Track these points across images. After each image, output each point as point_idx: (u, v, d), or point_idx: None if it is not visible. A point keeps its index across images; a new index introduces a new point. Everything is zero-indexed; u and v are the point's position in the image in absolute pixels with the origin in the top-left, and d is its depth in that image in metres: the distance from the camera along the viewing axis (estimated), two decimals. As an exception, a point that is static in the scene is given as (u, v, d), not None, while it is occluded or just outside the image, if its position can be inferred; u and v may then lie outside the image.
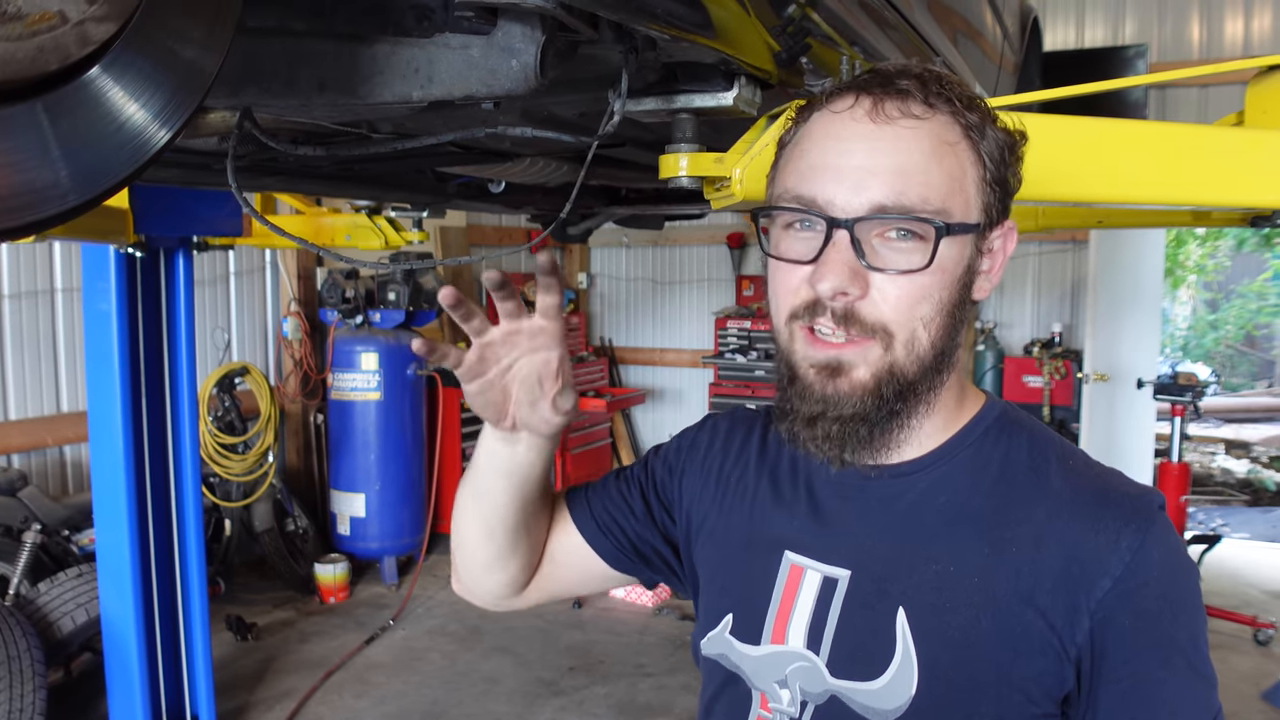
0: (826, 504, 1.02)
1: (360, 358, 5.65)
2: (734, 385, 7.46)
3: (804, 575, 1.00)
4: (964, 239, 0.92)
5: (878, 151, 0.89)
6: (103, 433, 3.27)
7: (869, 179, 0.88)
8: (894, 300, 0.89)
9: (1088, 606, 0.89)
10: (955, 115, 0.91)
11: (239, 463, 5.21)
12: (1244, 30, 6.50)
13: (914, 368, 0.92)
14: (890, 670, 0.93)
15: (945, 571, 0.93)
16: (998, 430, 1.00)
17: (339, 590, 5.51)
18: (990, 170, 0.93)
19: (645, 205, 3.64)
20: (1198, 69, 1.77)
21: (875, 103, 0.90)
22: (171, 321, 3.40)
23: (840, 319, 0.90)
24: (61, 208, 0.66)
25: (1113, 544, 0.90)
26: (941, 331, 0.92)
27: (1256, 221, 2.26)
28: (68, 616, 3.75)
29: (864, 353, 0.91)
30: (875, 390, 0.91)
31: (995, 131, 0.94)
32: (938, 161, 0.89)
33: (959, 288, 0.93)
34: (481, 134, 1.36)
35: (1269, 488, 8.93)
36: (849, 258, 0.89)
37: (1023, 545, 0.92)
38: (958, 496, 0.96)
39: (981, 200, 0.93)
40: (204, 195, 3.24)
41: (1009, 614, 0.90)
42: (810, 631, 0.98)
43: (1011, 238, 0.98)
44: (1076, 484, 0.95)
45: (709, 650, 1.07)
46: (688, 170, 1.44)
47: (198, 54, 0.73)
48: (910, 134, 0.89)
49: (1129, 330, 6.12)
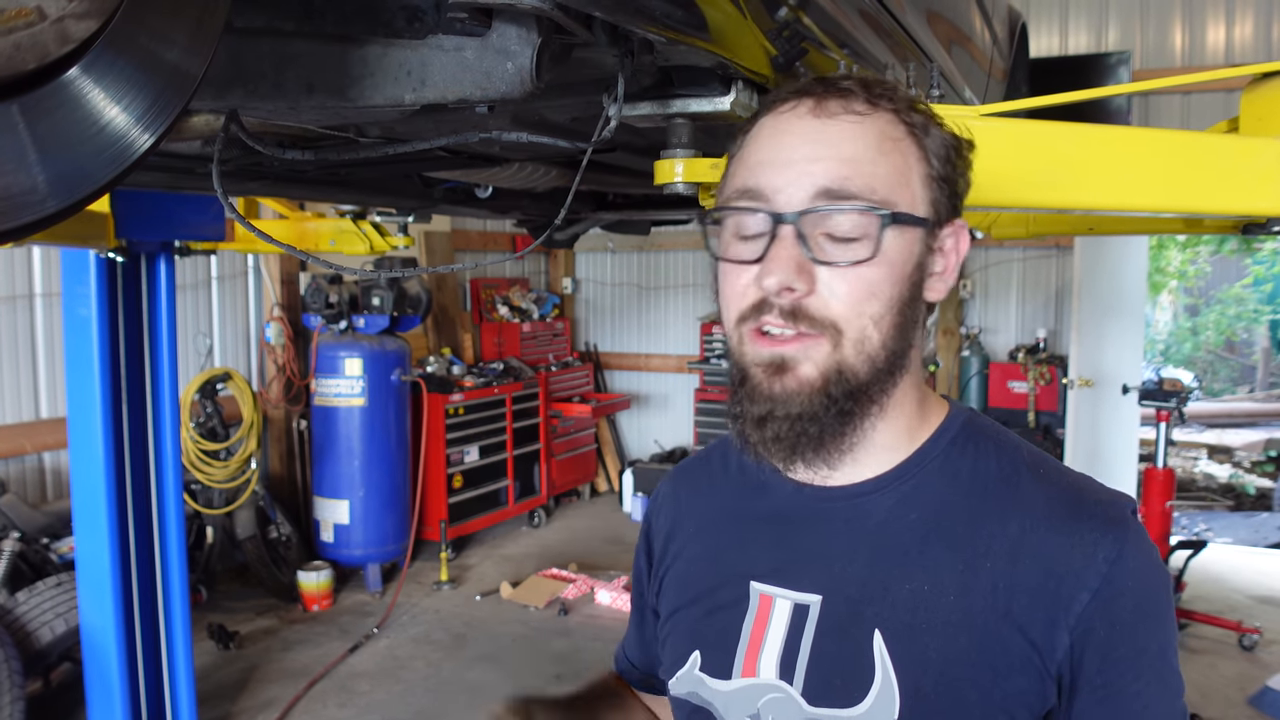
0: (791, 530, 0.99)
1: (344, 363, 5.61)
2: (719, 390, 7.45)
3: (774, 605, 0.97)
4: (912, 233, 0.90)
5: (821, 143, 0.89)
6: (82, 439, 3.22)
7: (813, 166, 0.88)
8: (843, 295, 0.88)
9: (1067, 622, 0.87)
10: (898, 114, 0.91)
11: (221, 469, 5.16)
12: (1225, 38, 6.55)
13: (864, 367, 0.90)
14: (871, 695, 0.90)
15: (920, 591, 0.91)
16: (964, 439, 0.98)
17: (322, 598, 5.46)
18: (936, 167, 0.92)
19: (632, 210, 3.62)
20: (1185, 76, 1.76)
21: (818, 101, 0.91)
22: (153, 327, 3.36)
23: (788, 315, 0.88)
24: (39, 214, 0.63)
25: (1089, 556, 0.88)
26: (892, 330, 0.90)
27: (1249, 229, 2.25)
28: (46, 626, 3.70)
29: (809, 349, 0.89)
30: (823, 388, 0.89)
31: (939, 131, 0.93)
32: (882, 155, 0.89)
33: (909, 284, 0.91)
34: (475, 138, 1.33)
35: (1250, 493, 8.99)
36: (795, 253, 0.88)
37: (998, 560, 0.90)
38: (928, 512, 0.94)
39: (928, 196, 0.92)
40: (186, 199, 3.20)
41: (987, 632, 0.88)
42: (782, 662, 0.95)
43: (963, 237, 0.96)
44: (1049, 494, 0.93)
45: (677, 690, 1.05)
46: (683, 176, 1.42)
47: (182, 56, 0.71)
48: (853, 128, 0.89)
49: (1113, 336, 6.14)
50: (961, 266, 0.97)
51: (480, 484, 6.59)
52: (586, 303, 8.83)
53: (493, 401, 6.69)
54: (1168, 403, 5.18)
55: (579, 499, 8.07)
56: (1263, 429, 11.00)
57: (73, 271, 3.16)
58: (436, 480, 6.19)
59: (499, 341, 7.53)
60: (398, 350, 5.79)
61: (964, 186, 0.95)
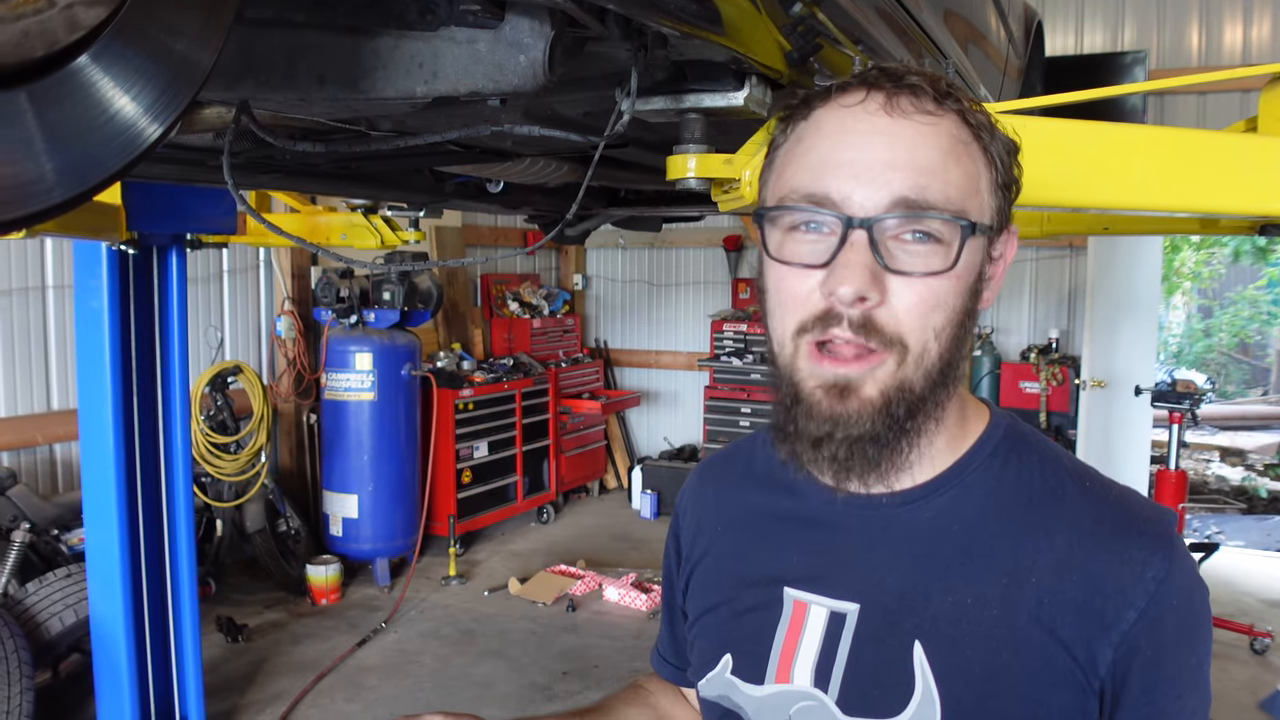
0: (828, 535, 0.96)
1: (354, 357, 5.61)
2: (729, 388, 7.43)
3: (809, 611, 0.95)
4: (978, 243, 0.88)
5: (897, 146, 0.83)
6: (93, 431, 3.23)
7: (889, 173, 0.83)
8: (909, 307, 0.84)
9: (1111, 639, 0.85)
10: (964, 115, 0.87)
11: (231, 462, 5.17)
12: (1243, 38, 6.50)
13: (923, 382, 0.87)
14: (911, 708, 0.88)
15: (963, 603, 0.89)
16: (1006, 449, 0.95)
17: (331, 592, 5.46)
18: (1000, 173, 0.89)
19: (644, 207, 3.61)
20: (1201, 75, 1.74)
21: (889, 97, 0.85)
22: (164, 319, 3.37)
23: (859, 328, 0.83)
24: (48, 203, 0.62)
25: (1138, 575, 0.86)
26: (951, 343, 0.87)
27: (1266, 230, 2.23)
28: (56, 617, 3.71)
29: (874, 369, 0.85)
30: (884, 408, 0.86)
31: (1001, 135, 0.91)
32: (955, 160, 0.85)
33: (971, 295, 0.88)
34: (487, 132, 1.32)
35: (1263, 495, 8.93)
36: (868, 259, 0.82)
37: (1043, 575, 0.88)
38: (971, 524, 0.91)
39: (994, 204, 0.89)
40: (198, 192, 3.20)
41: (1031, 647, 0.87)
42: (818, 669, 0.93)
43: (1012, 244, 0.94)
44: (1097, 509, 0.91)
45: (707, 692, 1.03)
46: (696, 171, 1.41)
47: (191, 47, 0.70)
48: (929, 130, 0.84)
49: (1126, 337, 6.11)
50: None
51: (489, 480, 6.59)
52: (597, 299, 8.82)
53: (502, 397, 6.69)
54: (1180, 404, 5.15)
55: (588, 495, 8.07)
56: (1276, 432, 10.94)
57: (84, 264, 3.16)
58: (445, 475, 6.19)
59: (509, 337, 7.53)
60: (408, 345, 5.79)
61: (1016, 192, 0.92)
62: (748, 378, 7.36)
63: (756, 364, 7.33)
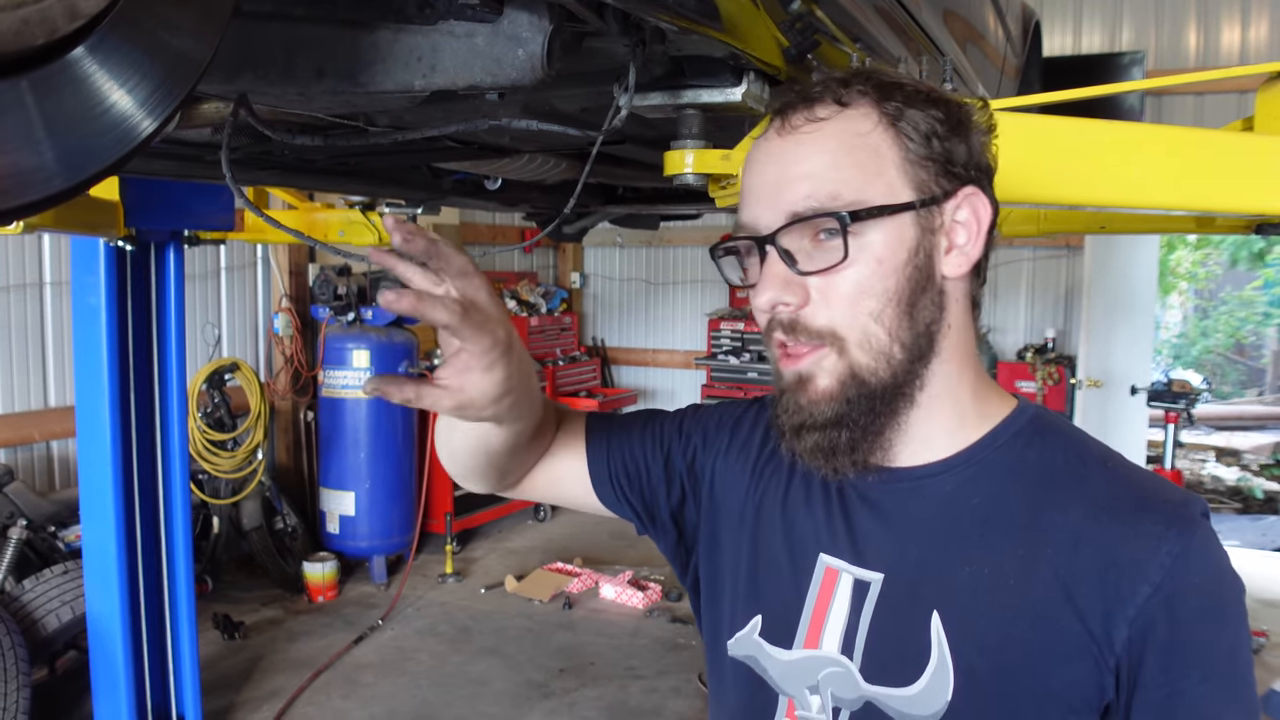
0: (855, 506, 0.99)
1: (352, 355, 5.61)
2: (726, 387, 7.44)
3: (839, 578, 0.98)
4: (898, 221, 0.90)
5: (784, 163, 0.92)
6: (90, 428, 3.22)
7: (780, 191, 0.91)
8: (834, 301, 0.91)
9: (1126, 614, 0.86)
10: (874, 104, 0.91)
11: (228, 459, 5.17)
12: (1240, 39, 6.51)
13: (879, 363, 0.91)
14: (925, 676, 0.91)
15: (980, 574, 0.91)
16: (1030, 432, 0.97)
17: (327, 589, 5.46)
18: (916, 147, 0.91)
19: (642, 204, 3.61)
20: (1199, 74, 1.74)
21: (783, 120, 0.94)
22: (161, 316, 3.36)
23: (788, 330, 0.92)
24: (46, 192, 0.62)
25: (1153, 549, 0.86)
26: (898, 320, 0.91)
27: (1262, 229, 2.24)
28: (53, 614, 3.71)
29: (819, 360, 0.92)
30: (841, 395, 0.91)
31: (919, 112, 0.92)
32: (846, 155, 0.90)
33: (908, 271, 0.91)
34: (484, 126, 1.32)
35: (1258, 495, 8.95)
36: (780, 269, 0.91)
37: (1059, 547, 0.89)
38: (990, 497, 0.94)
39: (913, 179, 0.91)
40: (196, 189, 3.20)
41: (1046, 618, 0.88)
42: (845, 637, 0.96)
43: (979, 203, 0.93)
44: (1115, 486, 0.92)
45: (736, 651, 1.05)
46: (693, 167, 1.41)
47: (188, 42, 0.70)
48: (813, 139, 0.91)
49: (1122, 337, 6.11)
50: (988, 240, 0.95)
51: (486, 477, 6.57)
52: (594, 297, 8.82)
53: (500, 395, 6.67)
54: (1176, 404, 5.17)
55: (585, 494, 8.06)
56: (1271, 432, 10.96)
57: (82, 260, 3.16)
58: (442, 473, 6.17)
59: (506, 335, 7.52)
60: (405, 342, 5.79)
61: (968, 154, 0.93)
62: (744, 376, 7.36)
63: (753, 362, 7.33)
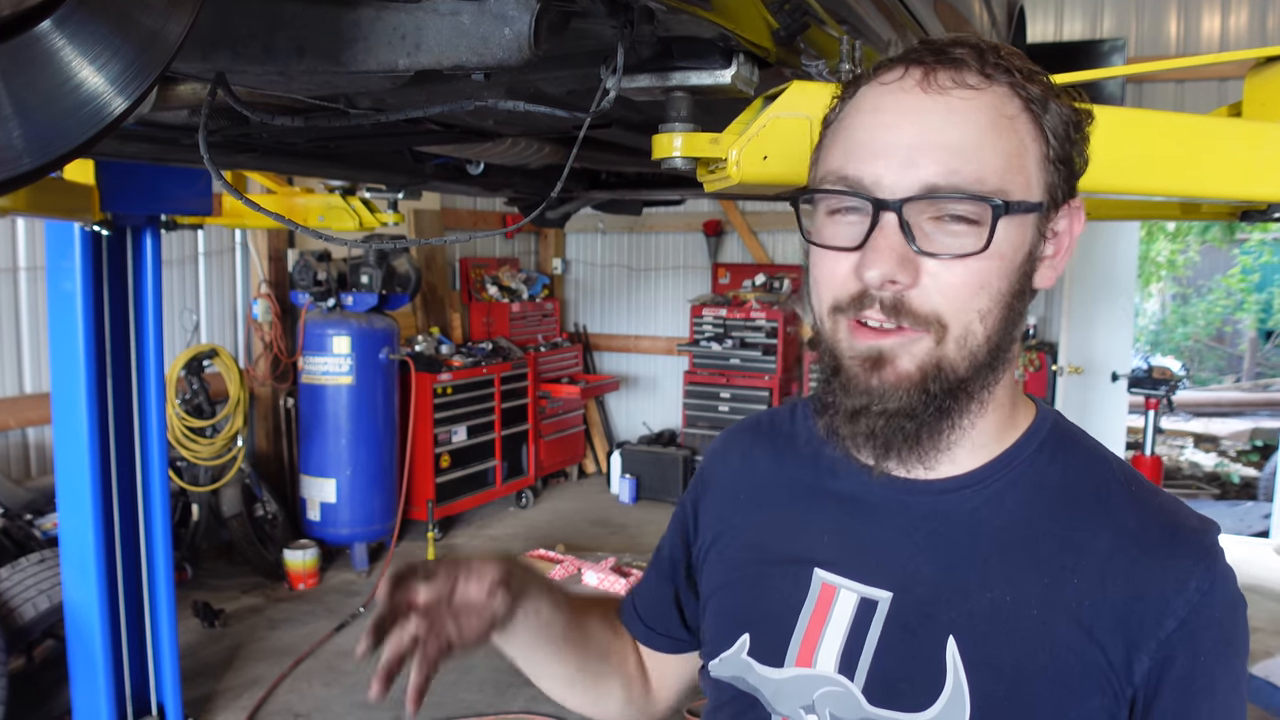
0: (864, 520, 0.95)
1: (332, 341, 5.57)
2: (709, 373, 7.43)
3: (837, 595, 0.93)
4: (1025, 221, 0.85)
5: (929, 126, 0.82)
6: (66, 415, 3.18)
7: (919, 155, 0.82)
8: (947, 288, 0.83)
9: (1149, 647, 0.84)
10: (1014, 87, 0.84)
11: (207, 446, 5.13)
12: (1220, 26, 6.52)
13: (965, 363, 0.85)
14: (940, 702, 0.87)
15: (1001, 600, 0.87)
16: (1052, 444, 0.94)
17: (309, 577, 5.43)
18: (1054, 147, 0.86)
19: (626, 190, 3.59)
20: (1180, 61, 1.74)
21: (926, 73, 0.83)
22: (138, 302, 3.32)
23: (890, 310, 0.83)
24: (14, 171, 0.60)
25: (1181, 584, 0.85)
26: (998, 324, 0.85)
27: (1247, 215, 2.24)
28: (29, 603, 3.66)
29: (909, 343, 0.84)
30: (921, 384, 0.85)
31: (1059, 105, 0.86)
32: (994, 136, 0.82)
33: (1019, 275, 0.86)
34: (469, 107, 1.30)
35: (1235, 481, 9.04)
36: (897, 243, 0.82)
37: (1085, 577, 0.86)
38: (1014, 520, 0.90)
39: (1044, 179, 0.86)
40: (173, 172, 3.16)
41: (1067, 649, 0.85)
42: (844, 656, 0.92)
43: (1078, 219, 0.90)
44: (1142, 515, 0.89)
45: (720, 672, 1.01)
46: (682, 150, 1.39)
47: (159, 20, 0.68)
48: (964, 106, 0.82)
49: (1103, 324, 6.15)
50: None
51: (468, 464, 6.56)
52: (576, 283, 8.79)
53: (481, 381, 6.66)
54: (1156, 391, 5.19)
55: (567, 480, 8.06)
56: (1248, 418, 11.06)
57: (57, 245, 3.11)
58: (424, 460, 6.16)
59: (488, 321, 7.49)
60: (386, 329, 5.75)
61: (1082, 165, 0.89)
62: (727, 363, 7.36)
63: (736, 349, 7.32)
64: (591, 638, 1.16)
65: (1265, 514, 7.47)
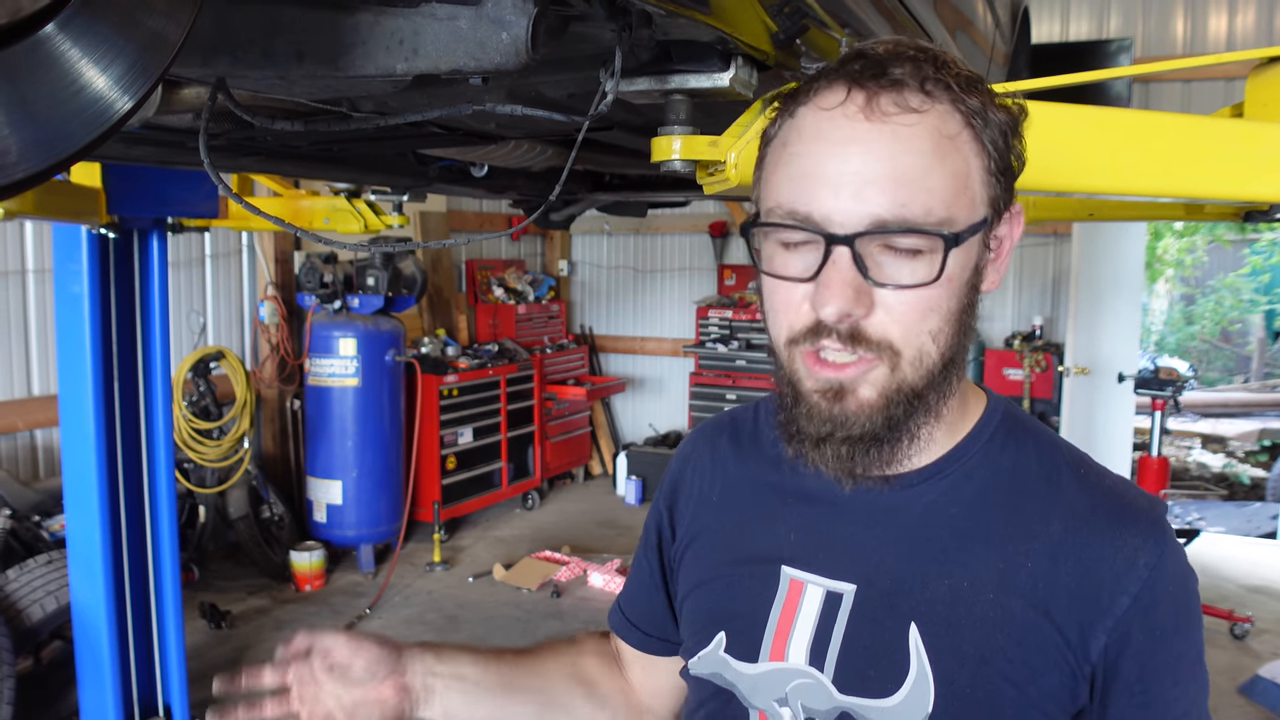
0: (827, 515, 0.98)
1: (338, 343, 5.59)
2: (715, 375, 7.43)
3: (804, 590, 0.96)
4: (972, 241, 0.86)
5: (874, 156, 0.81)
6: (74, 417, 3.20)
7: (867, 188, 0.81)
8: (900, 315, 0.84)
9: (1104, 624, 0.87)
10: (955, 103, 0.84)
11: (214, 448, 5.14)
12: (1228, 27, 6.51)
13: (923, 381, 0.87)
14: (905, 687, 0.90)
15: (959, 586, 0.91)
16: (1003, 434, 0.96)
17: (315, 578, 5.45)
18: (994, 159, 0.86)
19: (629, 192, 3.59)
20: (1186, 61, 1.74)
21: (869, 98, 0.82)
22: (145, 304, 3.33)
23: (846, 338, 0.84)
24: (11, 178, 0.61)
25: (1131, 561, 0.88)
26: (950, 340, 0.87)
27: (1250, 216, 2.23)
28: (37, 604, 3.68)
29: (867, 371, 0.85)
30: (884, 408, 0.86)
31: (997, 114, 0.86)
32: (939, 161, 0.82)
33: (968, 291, 0.88)
34: (468, 111, 1.30)
35: (1244, 482, 9.00)
36: (850, 276, 0.82)
37: (1038, 559, 0.90)
38: (969, 508, 0.93)
39: (987, 194, 0.86)
40: (179, 175, 3.17)
41: (1025, 630, 0.88)
42: (813, 648, 0.95)
43: (1018, 222, 0.92)
44: (1092, 496, 0.92)
45: (699, 669, 1.04)
46: (681, 153, 1.40)
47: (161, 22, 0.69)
48: (908, 132, 0.82)
49: (1109, 324, 6.13)
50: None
51: (474, 466, 6.57)
52: (582, 285, 8.80)
53: (487, 383, 6.67)
54: (1163, 391, 5.18)
55: (573, 482, 8.07)
56: (1257, 419, 11.01)
57: (64, 248, 3.12)
58: (430, 461, 6.17)
59: (494, 323, 7.50)
60: (392, 331, 5.76)
61: (1019, 167, 0.89)
62: (733, 364, 7.36)
63: (742, 350, 7.33)
64: (549, 678, 1.20)
65: (1273, 515, 7.45)
